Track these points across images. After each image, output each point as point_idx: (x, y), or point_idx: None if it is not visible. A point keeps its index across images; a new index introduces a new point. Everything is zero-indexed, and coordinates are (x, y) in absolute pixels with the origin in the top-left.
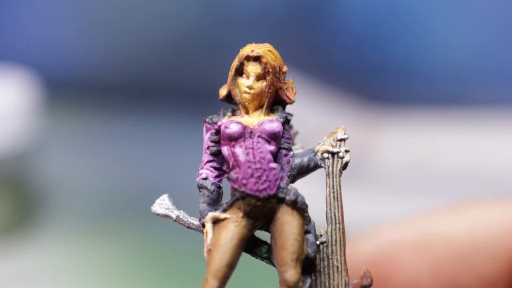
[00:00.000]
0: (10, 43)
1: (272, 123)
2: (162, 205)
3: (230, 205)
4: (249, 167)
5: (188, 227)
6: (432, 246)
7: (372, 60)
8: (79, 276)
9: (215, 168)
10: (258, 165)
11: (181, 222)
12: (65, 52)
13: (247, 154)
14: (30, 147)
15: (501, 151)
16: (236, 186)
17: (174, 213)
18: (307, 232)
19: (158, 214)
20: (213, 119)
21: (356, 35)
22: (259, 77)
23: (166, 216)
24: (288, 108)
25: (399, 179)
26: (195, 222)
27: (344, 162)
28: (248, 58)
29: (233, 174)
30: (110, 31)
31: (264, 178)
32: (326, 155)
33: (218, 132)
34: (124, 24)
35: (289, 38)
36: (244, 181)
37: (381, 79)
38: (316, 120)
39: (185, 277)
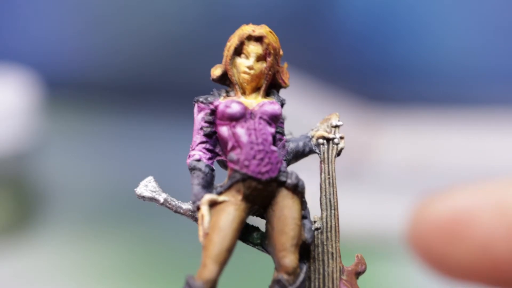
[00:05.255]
0: (10, 43)
1: (274, 105)
2: (148, 187)
3: (228, 188)
4: (251, 148)
5: (175, 211)
6: (509, 211)
7: (372, 60)
8: (79, 276)
9: (208, 149)
10: (261, 147)
11: (168, 205)
12: (64, 52)
13: (250, 135)
14: (30, 147)
15: (502, 150)
16: (237, 167)
17: (162, 196)
18: (303, 217)
19: (143, 197)
20: (208, 99)
21: (356, 35)
22: (259, 58)
23: (152, 199)
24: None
25: (399, 179)
26: (184, 206)
27: (339, 149)
28: (249, 37)
29: (233, 155)
30: (110, 31)
31: (266, 160)
32: (321, 140)
33: (213, 112)
34: (124, 24)
35: (290, 38)
36: (246, 163)
37: (381, 79)
38: (316, 119)
39: (185, 277)
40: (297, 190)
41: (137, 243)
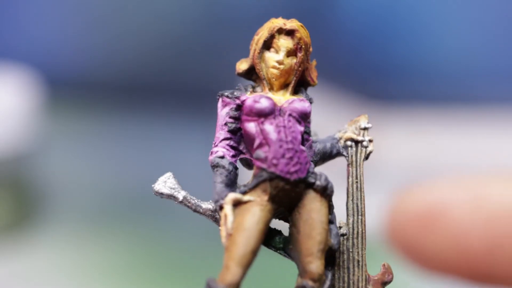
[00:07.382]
0: (11, 43)
1: (304, 102)
2: (167, 183)
3: (254, 187)
4: (280, 146)
5: (194, 210)
6: (485, 207)
7: (372, 60)
8: (79, 276)
9: (231, 147)
10: (290, 145)
11: (187, 204)
12: (66, 51)
13: (279, 132)
14: (31, 147)
15: (502, 149)
16: (264, 166)
17: (181, 194)
18: (330, 222)
19: (161, 194)
20: (235, 93)
21: (356, 35)
22: (289, 53)
23: (171, 196)
24: None
25: (399, 178)
26: (203, 205)
27: (367, 152)
28: (280, 31)
29: (261, 153)
30: (111, 31)
31: (295, 159)
32: (349, 143)
33: (238, 107)
34: (125, 24)
35: None
36: (274, 161)
37: (381, 79)
38: (316, 119)
39: (186, 277)
40: (326, 193)
41: (137, 243)
